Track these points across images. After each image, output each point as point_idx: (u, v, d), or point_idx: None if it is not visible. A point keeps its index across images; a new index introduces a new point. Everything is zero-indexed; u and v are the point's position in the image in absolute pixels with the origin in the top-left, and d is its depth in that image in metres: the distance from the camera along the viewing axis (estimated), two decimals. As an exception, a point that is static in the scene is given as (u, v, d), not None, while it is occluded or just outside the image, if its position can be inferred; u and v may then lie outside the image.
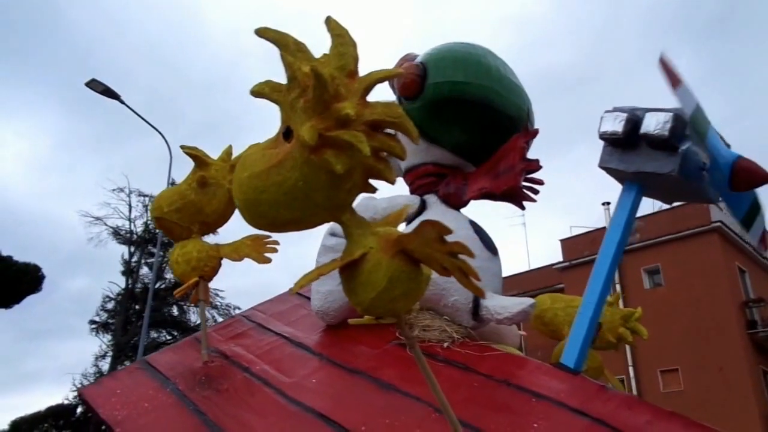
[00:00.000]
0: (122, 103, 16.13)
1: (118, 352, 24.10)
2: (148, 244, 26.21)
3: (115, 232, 26.52)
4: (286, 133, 1.92)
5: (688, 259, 21.96)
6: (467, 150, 3.94)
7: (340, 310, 3.61)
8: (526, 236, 50.13)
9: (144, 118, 16.57)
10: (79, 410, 25.69)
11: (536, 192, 3.58)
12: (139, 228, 26.35)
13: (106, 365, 24.49)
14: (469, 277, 1.92)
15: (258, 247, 3.76)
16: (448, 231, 1.83)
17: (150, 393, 3.26)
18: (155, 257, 20.57)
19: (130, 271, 26.64)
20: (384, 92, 4.33)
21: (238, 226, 2.09)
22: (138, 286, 26.58)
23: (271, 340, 3.71)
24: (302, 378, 3.20)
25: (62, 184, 46.66)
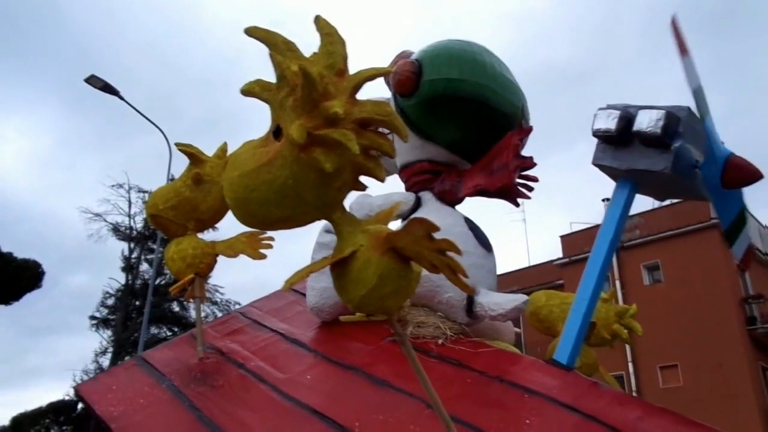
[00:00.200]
0: (121, 99, 16.08)
1: (119, 348, 24.10)
2: (148, 241, 26.18)
3: (115, 229, 26.50)
4: (276, 131, 1.93)
5: (688, 256, 21.95)
6: (462, 147, 3.95)
7: (335, 306, 3.62)
8: (526, 232, 50.17)
9: (143, 114, 16.53)
10: (80, 406, 25.72)
11: (531, 189, 3.59)
12: (138, 224, 26.33)
13: (106, 361, 24.51)
14: (458, 274, 1.92)
15: (253, 244, 3.77)
16: (436, 228, 1.84)
17: (146, 389, 3.28)
18: (155, 253, 20.53)
19: (129, 267, 26.63)
20: (380, 89, 4.33)
21: (235, 223, 2.09)
22: (138, 282, 26.58)
23: (267, 337, 3.72)
24: (297, 374, 3.21)
25: (62, 181, 46.68)
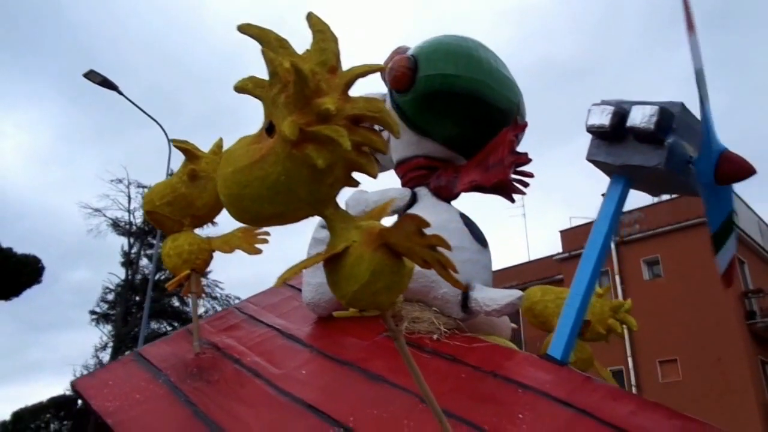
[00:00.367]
0: (120, 93, 16.07)
1: (119, 343, 24.14)
2: (148, 236, 26.18)
3: (115, 224, 26.56)
4: (269, 128, 1.94)
5: (688, 250, 21.92)
6: (458, 143, 3.95)
7: (331, 302, 3.64)
8: (526, 227, 50.12)
9: (141, 109, 16.52)
10: (81, 401, 25.76)
11: (526, 185, 3.60)
12: (138, 219, 26.32)
13: (106, 356, 24.55)
14: (448, 269, 1.93)
15: (249, 239, 3.79)
16: (426, 224, 1.85)
17: (142, 384, 3.29)
18: (155, 248, 20.56)
19: (129, 262, 26.68)
20: (377, 85, 4.34)
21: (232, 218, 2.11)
22: (138, 278, 26.63)
23: (263, 332, 3.73)
24: (292, 369, 3.23)
25: (62, 176, 46.69)
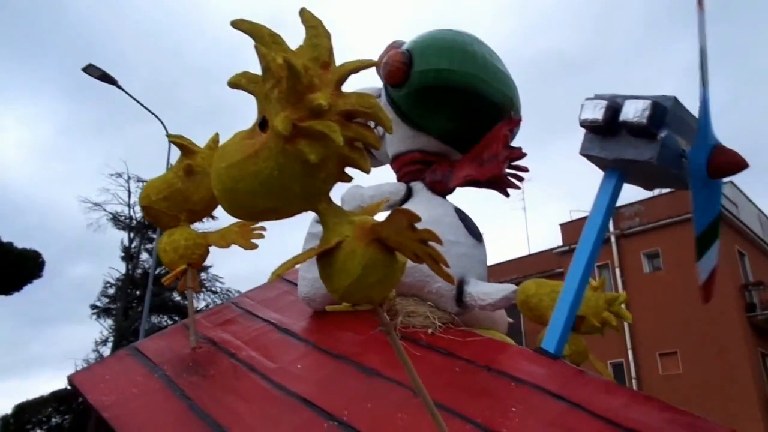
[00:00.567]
0: (119, 88, 16.08)
1: (120, 338, 24.19)
2: (148, 230, 26.20)
3: (114, 218, 26.60)
4: (262, 123, 1.95)
5: (688, 243, 21.54)
6: (454, 137, 3.95)
7: (326, 296, 3.65)
8: (526, 220, 50.08)
9: (141, 103, 16.53)
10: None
11: (521, 179, 3.61)
12: (138, 214, 26.28)
13: (107, 351, 24.61)
14: (439, 264, 1.94)
15: (245, 234, 3.79)
16: (418, 219, 1.86)
17: (138, 379, 3.31)
18: (155, 243, 20.60)
19: (129, 256, 26.71)
20: (372, 80, 4.33)
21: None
22: (138, 272, 26.67)
23: (259, 327, 3.75)
24: (288, 363, 3.25)
25: (63, 171, 46.62)
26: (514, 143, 3.75)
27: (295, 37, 1.98)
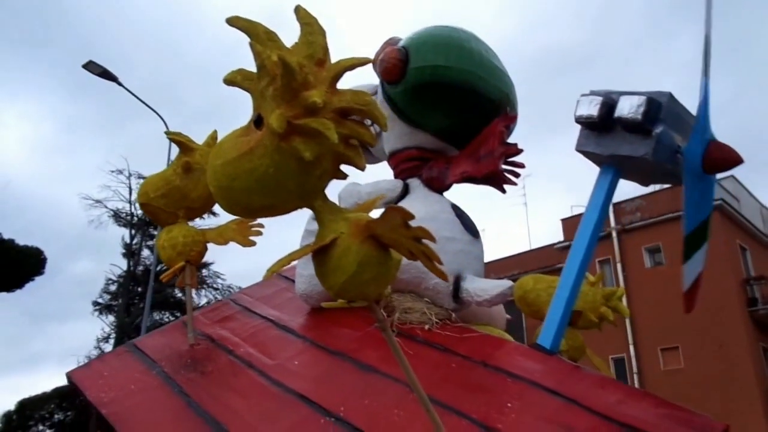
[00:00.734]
0: (120, 84, 16.09)
1: (121, 334, 24.23)
2: (149, 227, 26.23)
3: (116, 215, 26.65)
4: (258, 120, 1.96)
5: None
6: (450, 134, 3.95)
7: (323, 293, 3.64)
8: (527, 216, 49.93)
9: (141, 100, 16.53)
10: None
11: (517, 175, 3.61)
12: (139, 210, 26.31)
13: (109, 347, 24.66)
14: (433, 261, 1.95)
15: (243, 231, 3.81)
16: (411, 216, 1.87)
17: (136, 375, 3.32)
18: (155, 239, 20.62)
19: (131, 253, 26.75)
20: (369, 76, 4.34)
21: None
22: (139, 269, 26.72)
23: (257, 324, 3.76)
24: (285, 360, 3.26)
25: (64, 168, 46.74)
26: (512, 139, 3.76)
27: (295, 35, 1.99)
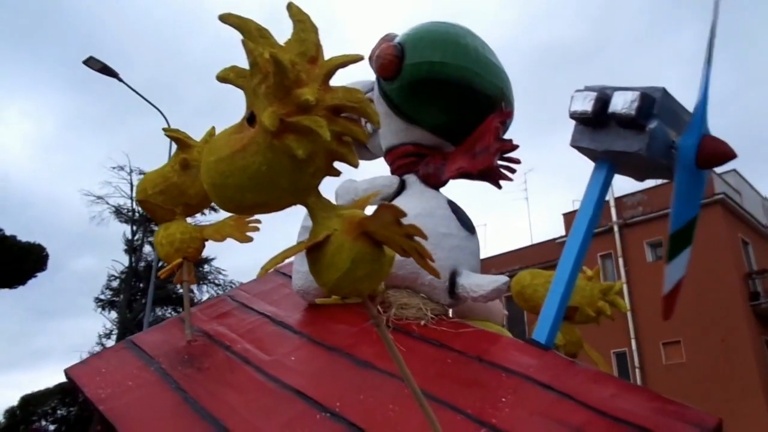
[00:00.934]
0: (120, 80, 16.13)
1: (123, 330, 24.31)
2: (150, 223, 26.26)
3: (117, 211, 26.72)
4: (250, 118, 1.96)
5: None
6: (446, 130, 3.95)
7: (320, 289, 3.61)
8: (529, 210, 50.00)
9: (142, 95, 16.59)
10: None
11: (513, 171, 3.62)
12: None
13: (111, 343, 24.74)
14: (425, 258, 1.96)
15: (240, 227, 3.82)
16: (403, 214, 1.88)
17: (134, 372, 3.34)
18: (154, 235, 20.64)
19: (132, 249, 26.82)
20: (366, 73, 4.34)
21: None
22: (141, 264, 26.78)
23: (254, 320, 3.77)
24: (282, 356, 3.27)
25: (66, 164, 46.88)
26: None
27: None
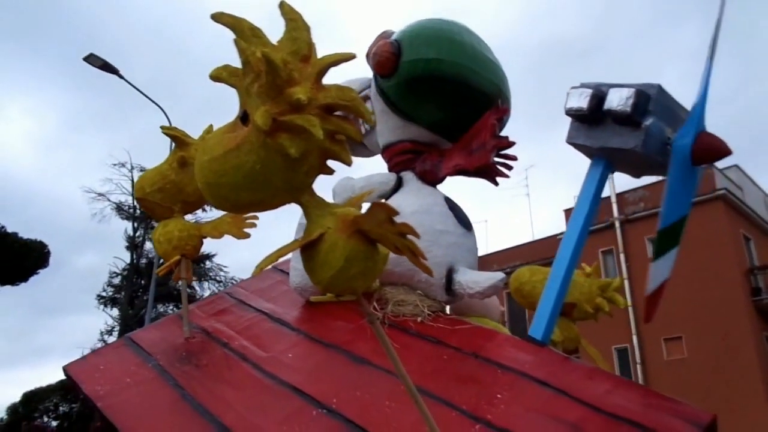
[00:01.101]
0: (121, 77, 16.11)
1: (125, 327, 24.36)
2: (151, 220, 26.26)
3: (119, 208, 26.75)
4: (244, 117, 1.97)
5: (693, 227, 21.36)
6: (443, 127, 3.96)
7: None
8: (530, 206, 49.98)
9: (142, 92, 16.54)
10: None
11: (509, 168, 3.62)
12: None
13: (113, 340, 24.79)
14: (418, 256, 1.97)
15: (238, 224, 3.83)
16: (395, 213, 1.89)
17: (132, 369, 3.35)
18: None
19: (134, 246, 26.86)
20: (363, 70, 4.34)
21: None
22: (143, 261, 26.82)
23: (251, 317, 3.78)
24: (279, 353, 3.28)
25: (69, 162, 46.89)
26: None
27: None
